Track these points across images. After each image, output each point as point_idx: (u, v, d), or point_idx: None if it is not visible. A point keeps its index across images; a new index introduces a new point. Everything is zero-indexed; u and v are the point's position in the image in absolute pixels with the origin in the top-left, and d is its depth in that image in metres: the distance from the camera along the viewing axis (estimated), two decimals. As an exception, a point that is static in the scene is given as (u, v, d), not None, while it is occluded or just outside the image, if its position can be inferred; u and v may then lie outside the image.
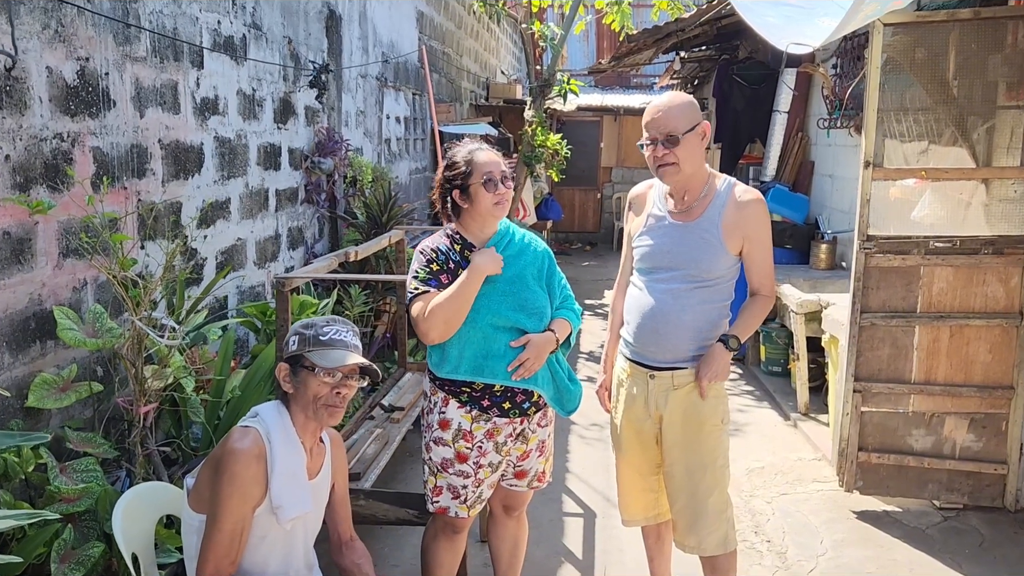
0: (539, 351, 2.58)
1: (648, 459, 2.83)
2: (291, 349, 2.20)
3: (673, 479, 2.74)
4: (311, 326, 2.21)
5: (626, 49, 8.69)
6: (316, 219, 5.47)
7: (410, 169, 8.10)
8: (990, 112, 3.98)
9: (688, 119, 2.59)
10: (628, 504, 2.96)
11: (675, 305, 2.66)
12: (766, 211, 2.70)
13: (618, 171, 14.69)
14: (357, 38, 6.23)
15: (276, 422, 2.16)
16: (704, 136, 2.63)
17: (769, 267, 2.72)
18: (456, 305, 2.50)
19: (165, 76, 3.50)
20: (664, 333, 2.67)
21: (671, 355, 2.69)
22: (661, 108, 2.62)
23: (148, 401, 2.71)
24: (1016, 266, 3.87)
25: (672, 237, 2.68)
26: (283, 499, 2.10)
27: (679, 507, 2.75)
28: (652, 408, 2.74)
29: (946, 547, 3.71)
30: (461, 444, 2.62)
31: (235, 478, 2.02)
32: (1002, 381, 3.95)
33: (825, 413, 5.17)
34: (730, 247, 2.64)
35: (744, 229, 2.63)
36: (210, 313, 3.81)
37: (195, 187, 3.79)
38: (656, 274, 2.71)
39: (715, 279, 2.67)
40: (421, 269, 2.60)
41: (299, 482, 2.16)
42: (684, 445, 2.70)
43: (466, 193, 2.60)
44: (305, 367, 2.17)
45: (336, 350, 2.19)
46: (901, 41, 3.89)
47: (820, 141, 7.03)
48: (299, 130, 5.12)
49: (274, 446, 2.11)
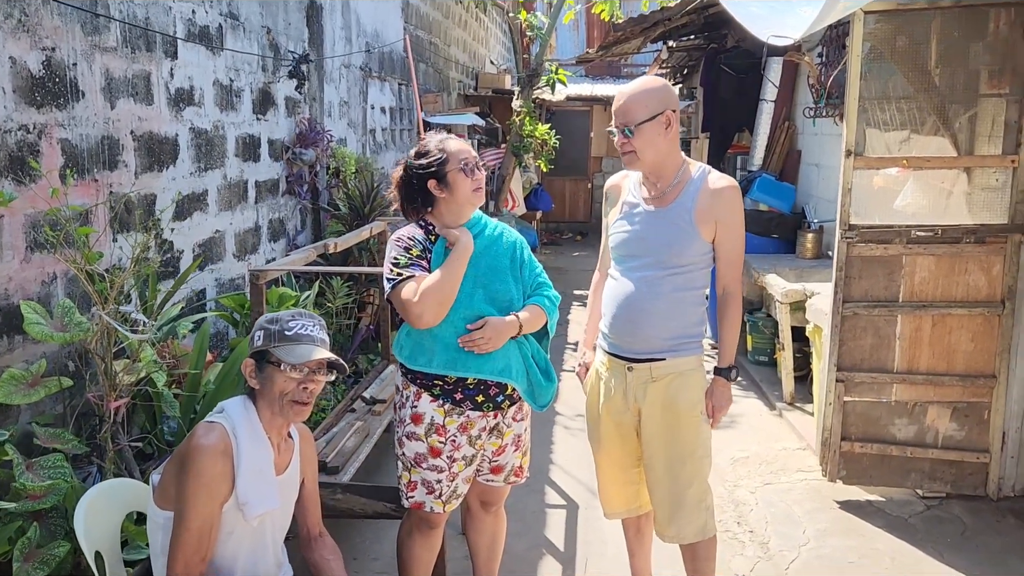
0: (496, 332, 2.53)
1: (628, 452, 2.82)
2: (256, 344, 2.17)
3: (653, 471, 2.73)
4: (276, 321, 2.18)
5: (614, 38, 8.64)
6: (298, 210, 5.43)
7: (396, 160, 8.05)
8: (972, 100, 3.96)
9: (647, 108, 2.57)
10: (609, 498, 2.95)
11: (649, 293, 2.64)
12: (739, 198, 2.68)
13: (608, 161, 14.66)
14: (340, 27, 6.17)
15: (242, 417, 2.13)
16: (669, 125, 2.60)
17: (738, 257, 2.69)
18: (450, 284, 2.47)
19: (137, 67, 3.45)
20: (638, 322, 2.66)
21: (647, 345, 2.67)
22: (623, 96, 2.63)
23: (119, 396, 2.68)
24: (998, 255, 3.86)
25: (645, 223, 2.67)
26: (249, 495, 2.08)
27: (659, 498, 2.75)
28: (631, 401, 2.73)
29: (928, 536, 3.71)
30: (434, 439, 2.59)
31: (201, 475, 1.99)
32: (984, 370, 3.94)
33: (810, 402, 5.16)
34: (703, 233, 2.62)
35: (716, 214, 2.61)
36: (188, 306, 3.77)
37: (170, 179, 3.75)
38: (630, 262, 2.70)
39: (687, 265, 2.65)
40: (401, 255, 2.55)
41: (266, 478, 2.13)
42: (663, 437, 2.69)
43: (443, 181, 2.56)
44: (271, 363, 2.14)
45: (302, 345, 2.15)
46: (883, 29, 3.86)
47: (806, 130, 7.00)
48: (279, 121, 5.07)
49: (240, 442, 2.08)
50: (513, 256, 2.69)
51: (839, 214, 3.97)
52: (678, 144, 2.69)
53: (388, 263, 2.57)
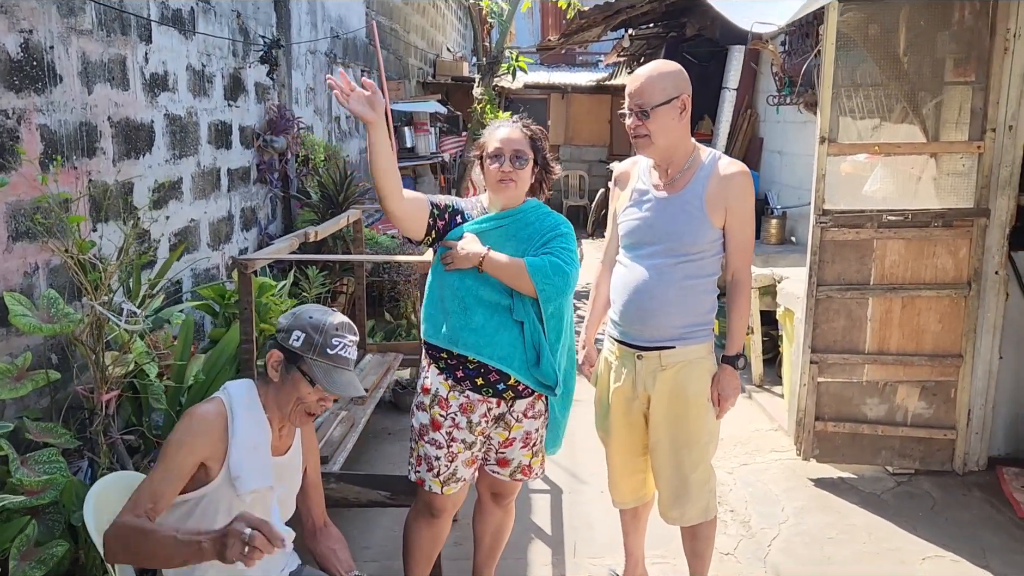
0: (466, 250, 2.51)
1: (636, 439, 2.83)
2: (294, 344, 2.11)
3: (658, 454, 2.76)
4: (321, 330, 2.12)
5: (576, 26, 8.67)
6: (269, 199, 5.35)
7: (361, 148, 7.98)
8: (939, 88, 4.08)
9: (664, 91, 2.55)
10: (618, 487, 2.97)
11: (660, 281, 2.63)
12: (750, 184, 2.67)
13: (566, 149, 14.70)
14: (305, 13, 6.08)
15: (243, 396, 2.13)
16: (684, 109, 2.59)
17: (749, 244, 2.69)
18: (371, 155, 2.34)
19: (113, 51, 3.36)
20: (649, 310, 2.65)
21: (657, 333, 2.67)
22: (639, 79, 2.59)
23: (110, 388, 2.62)
24: (964, 238, 3.99)
25: (655, 210, 2.66)
26: (241, 469, 2.06)
27: (663, 481, 2.78)
28: (640, 388, 2.73)
29: (900, 511, 3.83)
30: (436, 410, 2.60)
31: (189, 429, 2.01)
32: (951, 350, 4.07)
33: (779, 384, 5.28)
34: (713, 220, 2.61)
35: (727, 201, 2.61)
36: (166, 297, 3.69)
37: (147, 166, 3.66)
38: (640, 249, 2.69)
39: (699, 253, 2.64)
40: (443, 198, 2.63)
41: (260, 456, 2.11)
42: (670, 422, 2.71)
43: (482, 166, 2.60)
44: (302, 371, 2.11)
45: (340, 371, 2.13)
46: (854, 18, 3.95)
47: (769, 118, 7.13)
48: (250, 107, 4.98)
49: (236, 416, 2.08)
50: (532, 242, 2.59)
51: (813, 199, 4.06)
52: (689, 130, 2.68)
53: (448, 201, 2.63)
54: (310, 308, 2.22)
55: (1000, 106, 3.86)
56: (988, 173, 3.92)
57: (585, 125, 14.64)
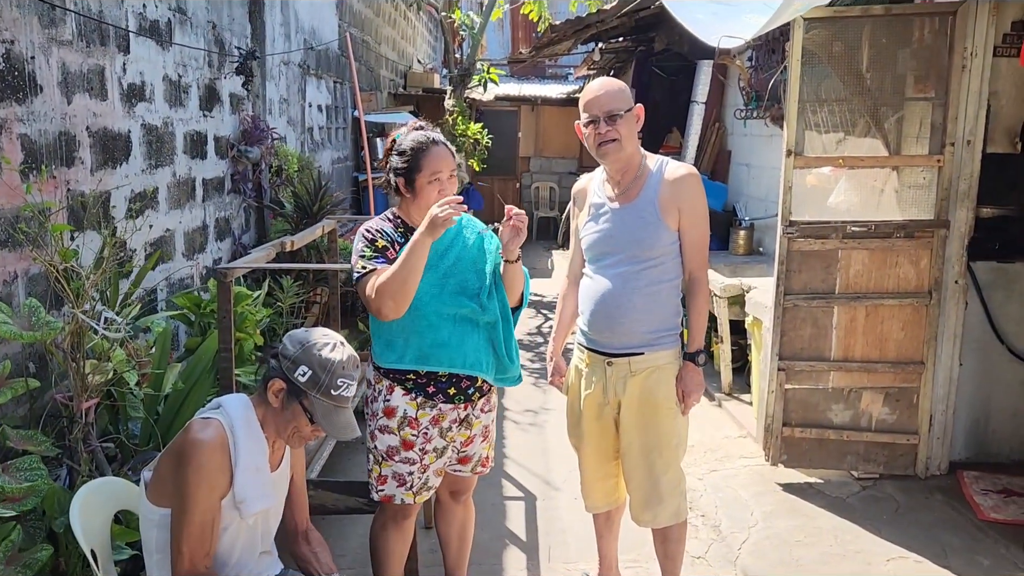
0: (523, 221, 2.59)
1: (608, 445, 2.90)
2: (299, 379, 2.11)
3: (629, 458, 2.83)
4: (328, 369, 2.12)
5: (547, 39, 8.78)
6: (243, 209, 5.36)
7: (332, 159, 8.00)
8: (900, 103, 4.22)
9: (626, 100, 2.70)
10: (591, 492, 3.02)
11: (624, 288, 2.72)
12: (700, 184, 2.77)
13: (536, 160, 14.81)
14: (279, 24, 6.11)
15: (240, 416, 2.13)
16: (639, 119, 2.73)
17: (704, 242, 2.78)
18: (402, 278, 2.42)
19: (92, 61, 3.37)
20: (617, 317, 2.73)
21: (626, 339, 2.75)
22: (601, 89, 2.72)
23: (89, 396, 2.63)
24: (925, 248, 4.12)
25: (613, 221, 2.75)
26: (247, 493, 2.08)
27: (635, 484, 2.84)
28: (610, 395, 2.80)
29: (866, 514, 3.94)
30: (407, 432, 2.62)
31: (201, 468, 1.99)
32: (914, 357, 4.20)
33: (748, 392, 5.38)
34: (668, 222, 2.70)
35: (679, 202, 2.70)
36: (141, 306, 3.70)
37: (123, 176, 3.67)
38: (603, 260, 2.78)
39: (659, 257, 2.72)
40: (367, 248, 2.55)
41: (263, 476, 2.14)
42: (641, 426, 2.78)
43: (411, 186, 2.59)
44: (303, 406, 2.13)
45: (341, 411, 2.16)
46: (819, 35, 4.08)
47: (737, 131, 7.28)
48: (225, 118, 5.00)
49: (238, 439, 2.09)
50: (481, 245, 2.72)
51: (780, 211, 4.17)
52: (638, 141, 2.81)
53: (355, 256, 2.57)
54: (318, 338, 2.18)
55: (958, 121, 4.00)
56: (947, 186, 4.06)
57: (555, 137, 14.76)
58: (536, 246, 13.15)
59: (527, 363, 6.58)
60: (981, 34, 3.91)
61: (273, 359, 2.20)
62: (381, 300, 2.43)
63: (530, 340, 7.37)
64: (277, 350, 2.22)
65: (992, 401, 4.33)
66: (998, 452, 4.37)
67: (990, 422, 4.36)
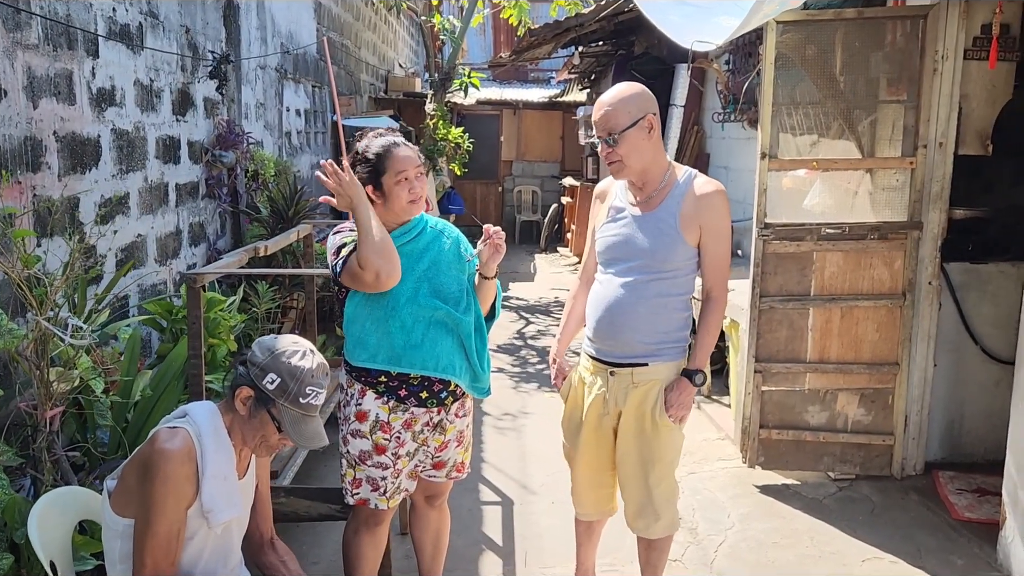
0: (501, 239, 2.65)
1: (605, 454, 2.85)
2: (267, 386, 2.08)
3: (625, 466, 2.80)
4: (297, 378, 2.09)
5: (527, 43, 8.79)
6: (218, 214, 5.32)
7: (311, 163, 7.96)
8: (873, 106, 4.24)
9: (629, 114, 2.58)
10: (583, 500, 2.99)
11: (631, 297, 2.66)
12: (725, 203, 2.68)
13: (519, 164, 14.82)
14: (255, 28, 6.07)
15: (208, 424, 2.09)
16: (651, 128, 2.61)
17: (724, 262, 2.70)
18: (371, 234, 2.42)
19: (59, 65, 3.33)
20: (620, 325, 2.68)
21: (628, 349, 2.70)
22: (603, 106, 2.61)
23: (54, 404, 2.59)
24: (899, 250, 4.14)
25: (630, 228, 2.69)
26: (215, 503, 2.05)
27: (629, 493, 2.83)
28: (611, 405, 2.76)
29: (842, 515, 3.94)
30: (379, 435, 2.61)
31: (168, 479, 1.95)
32: (888, 358, 4.22)
33: (726, 395, 5.39)
34: (688, 238, 2.62)
35: (701, 219, 2.62)
36: (112, 312, 3.66)
37: (93, 181, 3.63)
38: (615, 266, 2.72)
39: (672, 271, 2.66)
40: (347, 236, 2.56)
41: (230, 485, 2.11)
42: (639, 437, 2.74)
43: (379, 189, 2.58)
44: (271, 415, 2.10)
45: (309, 419, 2.13)
46: (793, 38, 4.09)
47: (715, 134, 7.30)
48: (198, 122, 4.96)
49: (205, 448, 2.05)
50: (456, 251, 2.73)
51: (755, 213, 4.18)
52: (662, 148, 2.71)
53: (334, 251, 2.56)
54: (287, 346, 2.16)
55: (931, 124, 4.02)
56: (920, 188, 4.08)
57: (537, 141, 14.78)
58: (519, 250, 13.14)
59: (507, 367, 6.56)
60: (952, 37, 3.94)
61: (241, 366, 2.17)
62: (372, 263, 2.41)
63: (511, 344, 7.36)
64: (245, 357, 2.19)
65: (966, 401, 4.35)
66: (972, 452, 4.39)
67: (965, 422, 4.38)
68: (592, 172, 11.36)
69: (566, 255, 12.51)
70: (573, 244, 12.03)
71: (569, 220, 12.49)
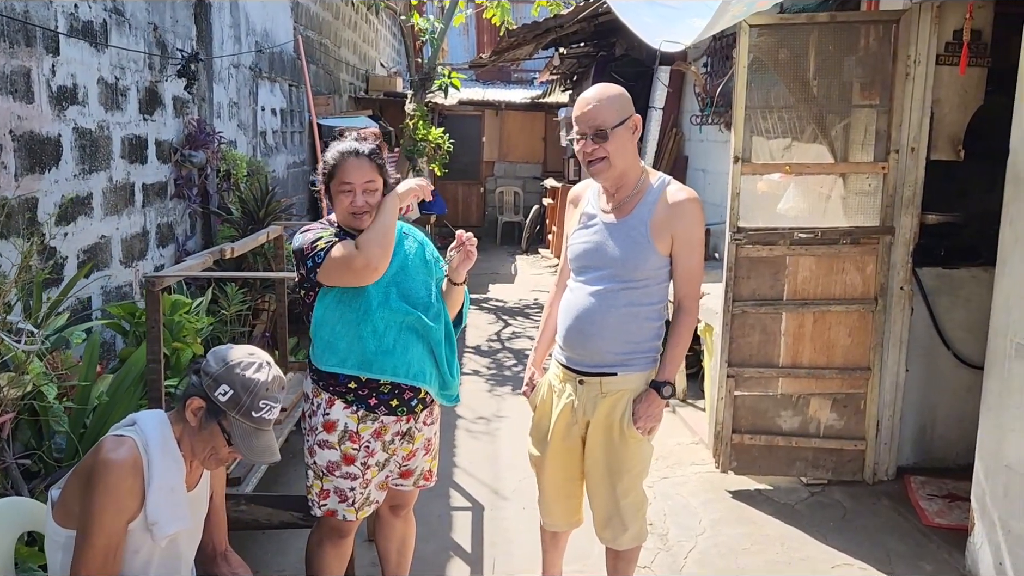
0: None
1: (573, 464, 2.81)
2: (219, 398, 2.03)
3: (593, 476, 2.76)
4: (251, 391, 2.03)
5: (506, 44, 8.75)
6: (187, 215, 5.24)
7: (287, 163, 7.88)
8: (846, 110, 4.23)
9: (618, 112, 2.53)
10: (551, 511, 2.94)
11: (600, 306, 2.61)
12: (700, 211, 2.62)
13: (500, 165, 14.78)
14: (229, 26, 6.00)
15: (156, 433, 2.04)
16: (636, 129, 2.58)
17: (697, 272, 2.65)
18: (387, 227, 2.47)
19: (16, 62, 3.26)
20: (590, 334, 2.64)
21: (598, 358, 2.65)
22: (591, 101, 2.55)
23: (4, 411, 2.52)
24: (871, 255, 4.13)
25: (601, 235, 2.64)
26: (160, 515, 1.99)
27: (597, 503, 2.79)
28: (580, 414, 2.71)
29: (813, 521, 3.93)
30: (348, 446, 2.56)
31: (109, 490, 1.89)
32: (860, 363, 4.21)
33: (701, 399, 5.38)
34: (659, 247, 2.57)
35: (673, 228, 2.57)
36: (73, 315, 3.59)
37: (52, 181, 3.56)
38: (586, 274, 2.67)
39: (643, 280, 2.61)
40: (321, 233, 2.53)
41: (177, 497, 2.05)
42: (607, 448, 2.70)
43: (328, 193, 2.57)
44: (222, 426, 2.05)
45: (261, 433, 2.08)
46: (766, 42, 4.07)
47: (693, 137, 7.29)
48: (167, 121, 4.89)
49: (152, 458, 1.99)
50: (422, 255, 2.70)
51: (728, 217, 4.16)
52: (638, 153, 2.66)
53: (308, 246, 2.51)
54: (242, 357, 2.10)
55: (903, 129, 4.02)
56: (892, 192, 4.07)
57: (519, 142, 14.75)
58: (500, 251, 13.11)
59: (483, 369, 6.52)
60: (924, 42, 3.93)
61: (195, 375, 2.12)
62: (368, 251, 2.41)
63: (488, 346, 7.32)
64: (200, 365, 2.13)
65: (938, 406, 4.35)
66: (944, 457, 4.38)
67: (936, 427, 4.38)
68: (574, 174, 11.34)
69: (547, 256, 12.49)
70: (554, 246, 12.01)
71: (551, 221, 12.47)
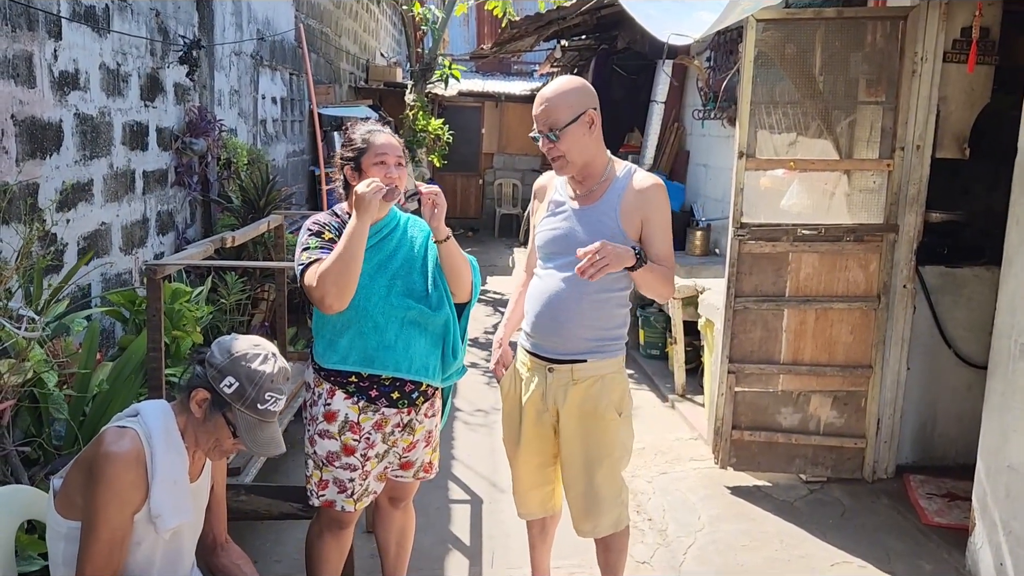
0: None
1: (545, 450, 2.80)
2: (224, 389, 2.01)
3: (570, 468, 2.74)
4: (256, 383, 2.02)
5: (508, 35, 8.70)
6: (188, 203, 5.21)
7: (287, 152, 7.85)
8: (852, 107, 4.21)
9: (570, 109, 2.54)
10: (525, 499, 2.92)
11: (572, 292, 2.62)
12: (666, 195, 2.66)
13: (500, 157, 14.74)
14: (230, 13, 5.96)
15: (159, 424, 2.02)
16: (592, 123, 2.59)
17: (670, 253, 2.66)
18: (343, 263, 2.36)
19: (18, 46, 3.23)
20: (561, 321, 2.64)
21: (569, 345, 2.65)
22: (543, 100, 2.57)
23: (4, 398, 2.50)
24: (874, 252, 4.12)
25: (571, 222, 2.65)
26: (163, 508, 1.97)
27: (574, 495, 2.76)
28: (550, 402, 2.71)
29: (812, 518, 3.93)
30: (348, 436, 2.55)
31: (112, 483, 1.87)
32: (862, 361, 4.20)
33: (700, 394, 5.37)
34: (628, 231, 2.59)
35: (643, 212, 2.60)
36: (73, 302, 3.56)
37: (54, 167, 3.53)
38: (555, 260, 2.68)
39: None
40: (312, 239, 2.49)
41: (181, 489, 2.03)
42: (582, 438, 2.69)
43: (357, 171, 2.54)
44: (227, 418, 2.03)
45: (266, 425, 2.06)
46: (772, 37, 4.05)
47: (695, 131, 7.27)
48: (168, 108, 4.85)
49: (155, 450, 1.97)
50: (426, 247, 2.67)
51: (731, 213, 4.14)
52: (603, 143, 2.68)
53: (299, 248, 2.50)
54: (248, 348, 2.09)
55: (908, 126, 4.00)
56: (897, 190, 4.06)
57: (519, 134, 14.69)
58: (498, 243, 13.08)
59: (481, 361, 6.51)
60: (931, 39, 3.91)
61: (199, 366, 2.10)
62: (324, 288, 2.36)
63: (486, 339, 7.30)
64: (204, 356, 2.11)
65: (939, 405, 4.35)
66: (944, 456, 4.39)
67: (937, 426, 4.38)
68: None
69: (545, 249, 12.43)
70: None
71: (549, 214, 12.41)
